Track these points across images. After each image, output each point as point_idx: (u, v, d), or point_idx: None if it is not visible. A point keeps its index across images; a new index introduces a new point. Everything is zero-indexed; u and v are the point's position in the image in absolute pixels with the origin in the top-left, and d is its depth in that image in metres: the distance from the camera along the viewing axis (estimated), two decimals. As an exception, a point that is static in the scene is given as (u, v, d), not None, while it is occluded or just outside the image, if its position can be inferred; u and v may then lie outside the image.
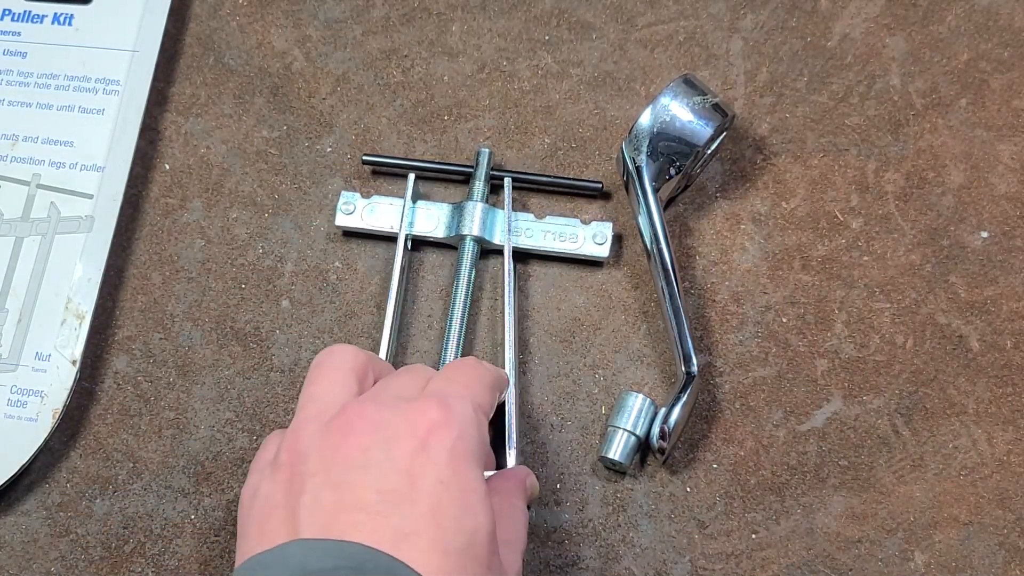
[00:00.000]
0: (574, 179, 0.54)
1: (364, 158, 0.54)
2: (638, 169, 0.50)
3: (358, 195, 0.53)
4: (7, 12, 0.58)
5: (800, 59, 0.56)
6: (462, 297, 0.51)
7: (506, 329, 0.50)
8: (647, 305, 0.52)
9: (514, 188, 0.54)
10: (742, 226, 0.53)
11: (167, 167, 0.56)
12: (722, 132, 0.52)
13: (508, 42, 0.57)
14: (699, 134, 0.50)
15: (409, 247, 0.53)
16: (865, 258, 0.53)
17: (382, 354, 0.50)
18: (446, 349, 0.50)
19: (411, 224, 0.53)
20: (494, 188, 0.54)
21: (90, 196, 0.54)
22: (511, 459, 0.48)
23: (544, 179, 0.54)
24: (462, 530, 0.36)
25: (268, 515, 0.38)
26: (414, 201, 0.53)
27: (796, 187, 0.54)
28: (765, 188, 0.54)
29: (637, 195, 0.51)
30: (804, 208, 0.54)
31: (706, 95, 0.50)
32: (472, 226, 0.52)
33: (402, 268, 0.52)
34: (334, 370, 0.42)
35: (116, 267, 0.54)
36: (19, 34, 0.57)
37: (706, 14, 0.57)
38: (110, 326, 0.53)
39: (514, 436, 0.48)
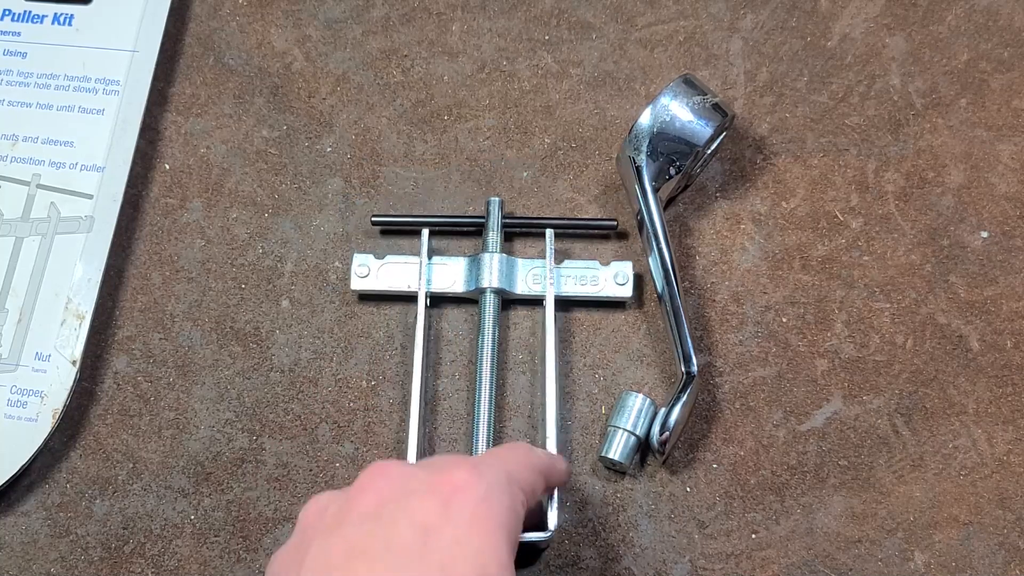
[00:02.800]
0: (589, 220, 0.53)
1: (373, 219, 0.53)
2: (638, 169, 0.50)
3: (371, 256, 0.52)
4: (7, 12, 0.58)
5: (800, 59, 0.56)
6: (488, 353, 0.50)
7: (547, 385, 0.49)
8: (647, 305, 0.52)
9: (526, 233, 0.53)
10: (742, 226, 0.53)
11: (167, 167, 0.56)
12: (722, 132, 0.52)
13: (508, 42, 0.57)
14: (699, 134, 0.50)
15: (428, 304, 0.52)
16: (865, 258, 0.53)
17: (413, 417, 0.48)
18: (478, 407, 0.49)
19: (429, 281, 0.52)
20: (507, 235, 0.53)
21: (90, 196, 0.54)
22: (552, 521, 0.47)
23: (557, 222, 0.53)
24: None
25: (283, 566, 0.37)
26: (429, 257, 0.52)
27: (796, 187, 0.54)
28: (765, 188, 0.54)
29: (637, 195, 0.51)
30: (804, 208, 0.54)
31: (706, 95, 0.50)
32: (491, 278, 0.51)
33: (425, 327, 0.50)
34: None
35: (116, 267, 0.54)
36: (19, 34, 0.57)
37: (706, 14, 0.57)
38: (110, 326, 0.53)
39: (555, 495, 0.47)
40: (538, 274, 0.51)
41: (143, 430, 0.51)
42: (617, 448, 0.48)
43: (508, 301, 0.53)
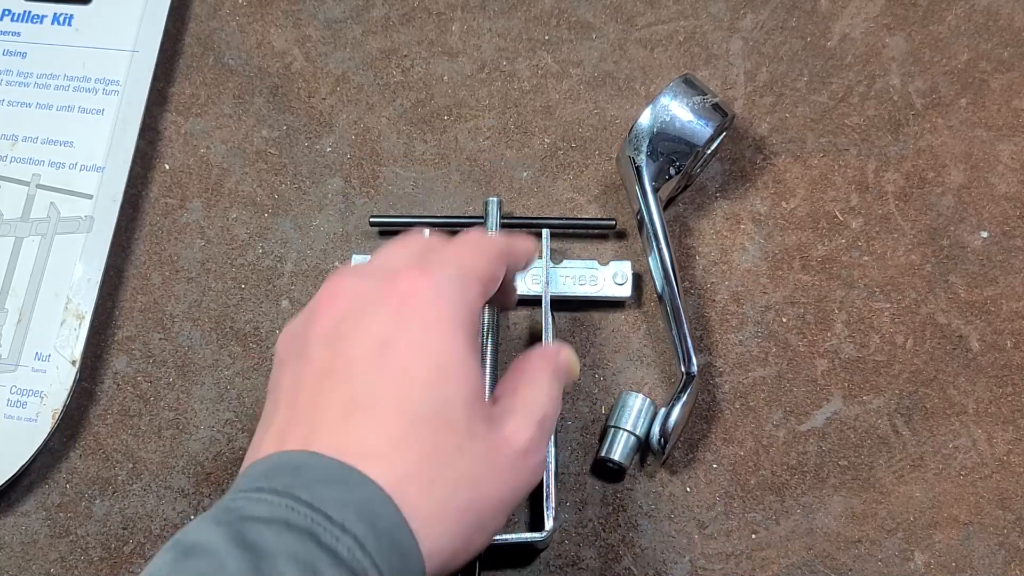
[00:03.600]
0: (587, 219, 0.53)
1: (372, 220, 0.53)
2: (638, 169, 0.50)
3: (370, 257, 0.52)
4: (7, 12, 0.58)
5: (800, 59, 0.56)
6: (488, 354, 0.49)
7: None
8: (647, 305, 0.52)
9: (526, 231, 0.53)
10: (742, 226, 0.53)
11: (167, 167, 0.56)
12: (722, 132, 0.52)
13: (508, 42, 0.57)
14: (699, 134, 0.50)
15: None
16: (865, 258, 0.53)
17: None
18: None
19: None
20: None
21: (90, 196, 0.54)
22: (549, 521, 0.47)
23: (556, 221, 0.53)
24: (431, 396, 0.35)
25: (279, 371, 0.39)
26: None
27: (796, 187, 0.54)
28: (765, 188, 0.54)
29: (637, 195, 0.51)
30: (804, 208, 0.54)
31: (706, 95, 0.50)
32: None
33: None
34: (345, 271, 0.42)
35: (116, 267, 0.54)
36: (19, 34, 0.57)
37: (706, 14, 0.57)
38: (110, 326, 0.53)
39: (552, 495, 0.47)
40: (537, 274, 0.51)
41: (143, 430, 0.51)
42: (617, 448, 0.48)
43: None
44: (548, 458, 0.47)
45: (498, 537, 0.46)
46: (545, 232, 0.52)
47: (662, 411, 0.48)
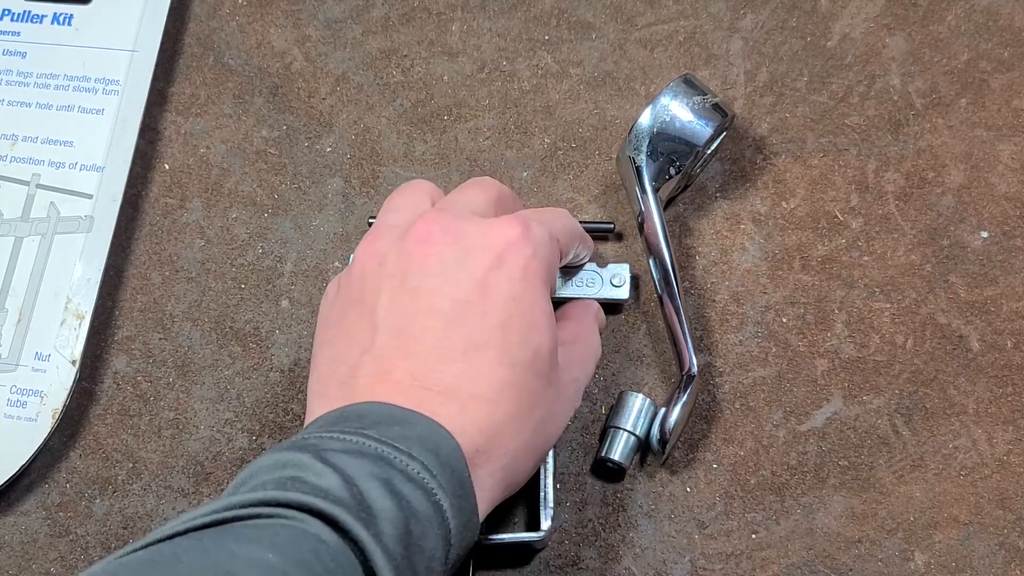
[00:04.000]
0: (586, 223, 0.52)
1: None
2: (638, 169, 0.50)
3: None
4: (6, 12, 0.58)
5: (800, 59, 0.56)
6: None
7: None
8: (647, 305, 0.52)
9: None
10: (742, 226, 0.53)
11: (167, 167, 0.56)
12: (722, 132, 0.52)
13: (508, 42, 0.57)
14: (699, 134, 0.50)
15: None
16: (865, 258, 0.53)
17: None
18: None
19: None
20: None
21: (90, 196, 0.53)
22: (546, 522, 0.47)
23: None
24: (527, 345, 0.38)
25: (346, 309, 0.40)
26: None
27: (796, 187, 0.54)
28: (765, 188, 0.54)
29: (637, 195, 0.51)
30: (804, 208, 0.54)
31: (706, 95, 0.50)
32: None
33: None
34: (413, 188, 0.44)
35: (116, 267, 0.54)
36: (19, 34, 0.57)
37: (706, 14, 0.57)
38: (110, 326, 0.53)
39: (551, 496, 0.47)
40: None
41: (143, 430, 0.51)
42: (617, 448, 0.48)
43: None
44: (547, 458, 0.47)
45: (495, 537, 0.46)
46: None
47: (662, 411, 0.48)
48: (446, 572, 0.37)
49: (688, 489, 0.49)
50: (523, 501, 0.49)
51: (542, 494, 0.47)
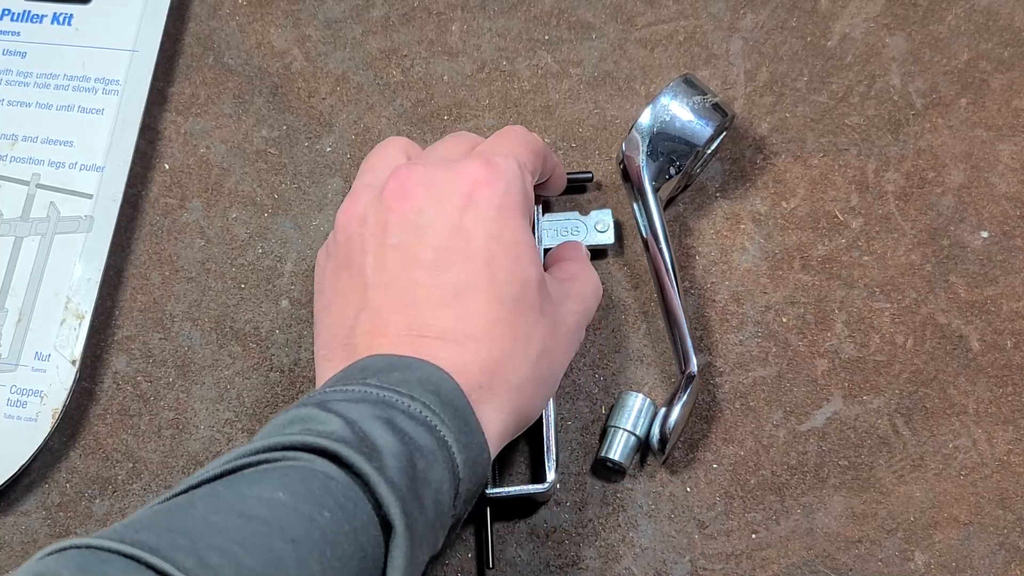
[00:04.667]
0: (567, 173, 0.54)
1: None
2: (638, 169, 0.50)
3: None
4: (6, 12, 0.58)
5: (800, 59, 0.56)
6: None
7: None
8: (647, 305, 0.52)
9: None
10: (742, 226, 0.53)
11: (167, 167, 0.56)
12: (722, 132, 0.52)
13: (508, 42, 0.57)
14: (699, 134, 0.50)
15: None
16: (865, 258, 0.53)
17: None
18: None
19: None
20: None
21: (90, 196, 0.53)
22: (550, 473, 0.47)
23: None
24: (515, 280, 0.39)
25: (337, 274, 0.41)
26: None
27: (796, 187, 0.54)
28: (765, 188, 0.54)
29: (637, 195, 0.51)
30: (804, 208, 0.54)
31: (706, 95, 0.50)
32: None
33: None
34: (387, 145, 0.45)
35: (116, 267, 0.54)
36: (18, 34, 0.57)
37: (706, 14, 0.57)
38: (110, 326, 0.53)
39: (553, 449, 0.47)
40: None
41: (143, 430, 0.51)
42: (617, 448, 0.48)
43: None
44: (548, 411, 0.48)
45: (499, 490, 0.47)
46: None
47: (662, 411, 0.48)
48: (459, 508, 0.37)
49: (688, 489, 0.49)
50: (526, 455, 0.49)
51: (545, 446, 0.47)
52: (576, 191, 0.54)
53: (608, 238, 0.52)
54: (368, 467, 0.33)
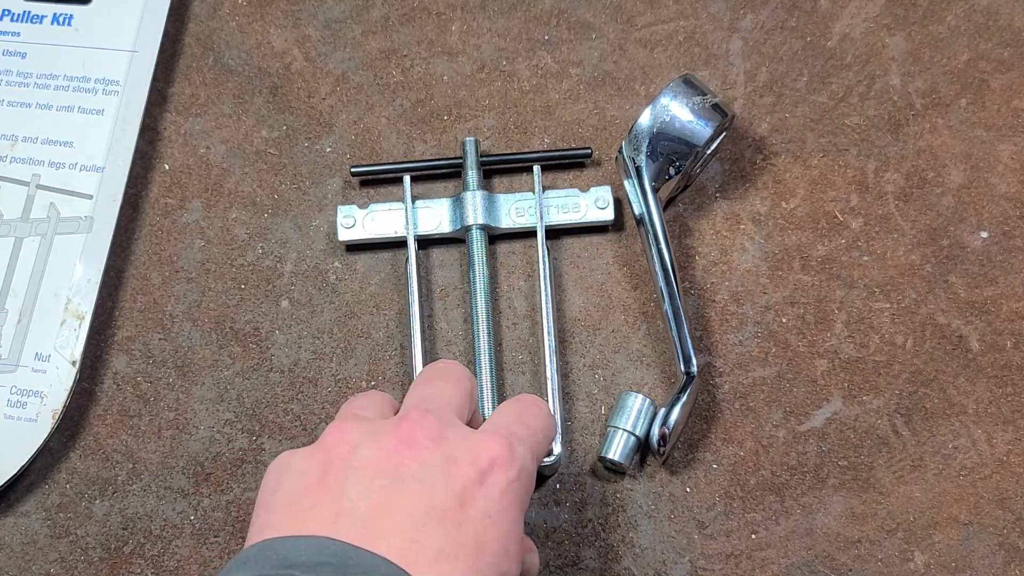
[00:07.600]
0: (563, 150, 0.54)
1: (353, 170, 0.54)
2: (638, 169, 0.50)
3: (355, 207, 0.53)
4: (6, 12, 0.58)
5: (800, 59, 0.56)
6: (481, 288, 0.51)
7: (544, 316, 0.50)
8: (647, 305, 0.52)
9: (505, 171, 0.55)
10: (742, 226, 0.53)
11: (167, 167, 0.56)
12: (722, 132, 0.52)
13: (508, 42, 0.57)
14: (699, 134, 0.50)
15: (416, 248, 0.53)
16: (865, 258, 0.53)
17: (416, 359, 0.50)
18: (477, 341, 0.50)
19: (415, 225, 0.53)
20: (486, 174, 0.54)
21: (90, 196, 0.53)
22: (556, 446, 0.49)
23: (534, 155, 0.54)
24: (496, 569, 0.37)
25: (300, 494, 0.37)
26: (413, 202, 0.53)
27: (796, 187, 0.54)
28: (765, 188, 0.54)
29: (637, 195, 0.51)
30: (804, 208, 0.54)
31: (706, 95, 0.50)
32: (476, 215, 0.52)
33: (417, 270, 0.52)
34: (372, 396, 0.43)
35: (116, 267, 0.54)
36: (18, 34, 0.57)
37: (706, 14, 0.57)
38: (110, 327, 0.53)
39: (558, 424, 0.48)
40: (521, 207, 0.53)
41: (143, 430, 0.51)
42: (617, 448, 0.48)
43: (494, 237, 0.54)
44: (553, 385, 0.48)
45: None
46: (536, 168, 0.53)
47: (662, 411, 0.48)
48: None
49: (688, 489, 0.49)
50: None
51: None
52: (575, 167, 0.55)
53: (608, 215, 0.52)
54: None
